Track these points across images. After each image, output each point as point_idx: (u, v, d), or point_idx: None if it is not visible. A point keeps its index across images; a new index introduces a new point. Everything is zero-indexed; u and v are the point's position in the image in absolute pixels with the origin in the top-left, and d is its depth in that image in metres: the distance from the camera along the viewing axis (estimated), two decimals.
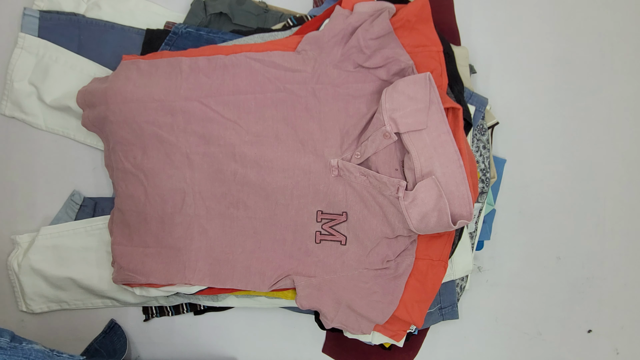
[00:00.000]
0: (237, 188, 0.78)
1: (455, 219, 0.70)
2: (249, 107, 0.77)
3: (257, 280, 0.79)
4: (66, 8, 0.86)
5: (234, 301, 0.86)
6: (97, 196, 0.90)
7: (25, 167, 0.90)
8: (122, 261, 0.81)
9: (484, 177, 0.84)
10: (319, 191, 0.77)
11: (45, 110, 0.88)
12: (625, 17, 0.92)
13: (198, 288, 0.81)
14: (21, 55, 0.86)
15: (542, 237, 0.94)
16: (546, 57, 0.92)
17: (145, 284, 0.82)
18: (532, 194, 0.93)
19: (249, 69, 0.77)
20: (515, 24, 0.92)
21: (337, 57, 0.76)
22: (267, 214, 0.79)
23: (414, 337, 0.89)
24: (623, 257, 0.95)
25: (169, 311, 0.90)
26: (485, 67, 0.91)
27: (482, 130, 0.85)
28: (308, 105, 0.77)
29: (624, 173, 0.94)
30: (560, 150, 0.93)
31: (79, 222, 0.87)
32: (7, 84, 0.87)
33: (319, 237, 0.78)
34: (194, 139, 0.78)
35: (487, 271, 0.94)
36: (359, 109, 0.76)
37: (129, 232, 0.82)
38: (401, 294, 0.77)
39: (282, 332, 0.94)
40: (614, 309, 0.95)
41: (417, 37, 0.77)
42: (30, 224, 0.90)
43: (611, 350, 0.96)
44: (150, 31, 0.85)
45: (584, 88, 0.93)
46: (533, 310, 0.95)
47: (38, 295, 0.88)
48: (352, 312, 0.77)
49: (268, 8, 0.88)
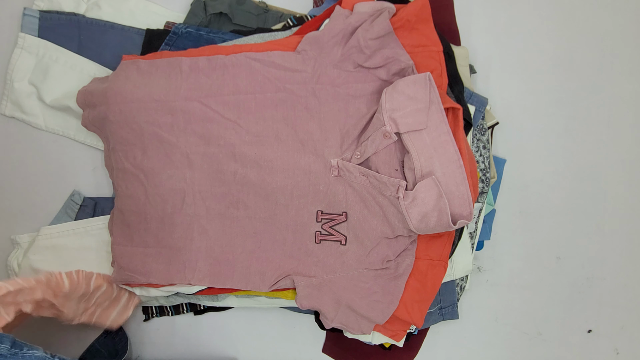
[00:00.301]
0: (237, 188, 0.78)
1: (455, 219, 0.70)
2: (249, 107, 0.77)
3: (257, 280, 0.79)
4: (66, 8, 0.86)
5: (234, 301, 0.86)
6: (97, 196, 0.90)
7: (25, 167, 0.90)
8: (122, 261, 0.81)
9: (484, 177, 0.84)
10: (319, 191, 0.77)
11: (45, 110, 0.88)
12: (625, 17, 0.92)
13: (198, 288, 0.82)
14: (21, 55, 0.86)
15: (542, 237, 0.94)
16: (546, 57, 0.92)
17: (146, 284, 0.82)
18: (532, 194, 0.93)
19: (249, 69, 0.77)
20: (515, 24, 0.92)
21: (337, 57, 0.76)
22: (267, 214, 0.79)
23: (414, 337, 0.89)
24: (623, 257, 0.95)
25: (169, 311, 0.91)
26: (485, 67, 0.91)
27: (482, 130, 0.85)
28: (308, 105, 0.77)
29: (624, 173, 0.93)
30: (560, 150, 0.93)
31: (79, 222, 0.87)
32: (7, 84, 0.87)
33: (319, 237, 0.78)
34: (194, 139, 0.78)
35: (487, 271, 0.94)
36: (359, 109, 0.76)
37: (129, 232, 0.82)
38: (401, 294, 0.77)
39: (282, 332, 0.94)
40: (614, 309, 0.95)
41: (417, 37, 0.77)
42: (30, 224, 0.90)
43: (611, 350, 0.96)
44: (150, 31, 0.85)
45: (584, 88, 0.93)
46: (533, 310, 0.95)
47: None
48: (352, 312, 0.77)
49: (268, 8, 0.88)
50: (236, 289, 0.80)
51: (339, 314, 0.77)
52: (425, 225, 0.71)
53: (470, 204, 0.69)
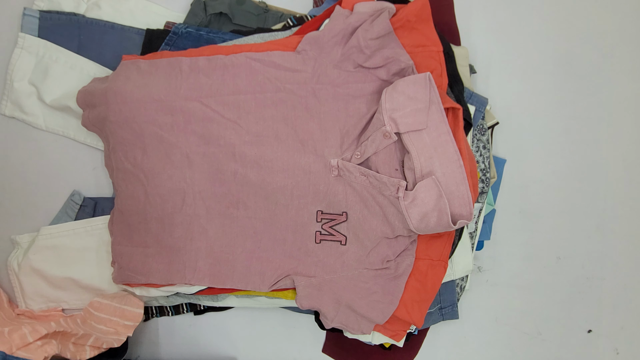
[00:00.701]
0: (237, 188, 0.78)
1: (455, 219, 0.70)
2: (248, 107, 0.77)
3: (257, 280, 0.79)
4: (66, 8, 0.86)
5: (234, 301, 0.86)
6: (97, 196, 0.90)
7: (25, 167, 0.90)
8: (122, 261, 0.81)
9: (484, 177, 0.84)
10: (319, 191, 0.77)
11: (45, 110, 0.88)
12: (625, 17, 0.92)
13: (198, 288, 0.82)
14: (21, 55, 0.86)
15: (542, 237, 0.94)
16: (546, 57, 0.92)
17: (146, 284, 0.82)
18: (532, 194, 0.93)
19: (249, 69, 0.77)
20: (515, 24, 0.92)
21: (337, 57, 0.76)
22: (267, 214, 0.79)
23: (414, 337, 0.89)
24: (623, 257, 0.95)
25: (169, 311, 0.90)
26: (485, 67, 0.91)
27: (482, 130, 0.85)
28: (308, 105, 0.77)
29: (624, 173, 0.94)
30: (560, 150, 0.93)
31: (79, 222, 0.87)
32: (7, 84, 0.87)
33: (319, 237, 0.78)
34: (194, 138, 0.78)
35: (487, 271, 0.94)
36: (359, 109, 0.76)
37: (129, 232, 0.82)
38: (401, 294, 0.77)
39: (282, 332, 0.94)
40: (614, 309, 0.95)
41: (417, 37, 0.77)
42: (30, 224, 0.90)
43: (611, 350, 0.96)
44: (150, 31, 0.85)
45: (584, 88, 0.93)
46: (533, 310, 0.95)
47: (38, 295, 0.88)
48: (352, 312, 0.77)
49: (268, 8, 0.88)
50: (236, 289, 0.81)
51: (339, 314, 0.77)
52: (425, 225, 0.71)
53: (470, 204, 0.69)
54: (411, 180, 0.72)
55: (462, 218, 0.70)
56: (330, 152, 0.76)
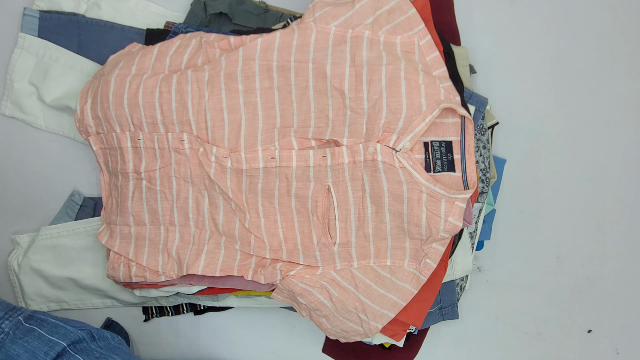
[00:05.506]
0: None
1: None
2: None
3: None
4: (66, 8, 0.86)
5: (234, 301, 0.85)
6: (97, 196, 0.90)
7: (25, 167, 0.90)
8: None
9: (484, 177, 0.84)
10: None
11: (45, 110, 0.88)
12: (625, 17, 0.92)
13: (198, 288, 0.81)
14: (21, 55, 0.86)
15: (542, 237, 0.94)
16: (546, 57, 0.92)
17: (146, 284, 0.82)
18: (532, 194, 0.93)
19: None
20: (515, 24, 0.92)
21: None
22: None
23: (414, 337, 0.89)
24: (623, 257, 0.95)
25: (169, 311, 0.90)
26: (485, 67, 0.91)
27: (482, 130, 0.85)
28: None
29: (624, 173, 0.93)
30: (560, 150, 0.93)
31: (79, 222, 0.87)
32: (7, 84, 0.87)
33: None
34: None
35: (487, 271, 0.94)
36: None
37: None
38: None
39: (282, 332, 0.94)
40: (614, 309, 0.95)
41: None
42: (30, 224, 0.90)
43: (611, 350, 0.96)
44: (150, 31, 0.85)
45: (584, 88, 0.92)
46: (533, 310, 0.95)
47: (38, 295, 0.88)
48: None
49: (268, 8, 0.88)
50: (236, 289, 0.80)
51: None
52: None
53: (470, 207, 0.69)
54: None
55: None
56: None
